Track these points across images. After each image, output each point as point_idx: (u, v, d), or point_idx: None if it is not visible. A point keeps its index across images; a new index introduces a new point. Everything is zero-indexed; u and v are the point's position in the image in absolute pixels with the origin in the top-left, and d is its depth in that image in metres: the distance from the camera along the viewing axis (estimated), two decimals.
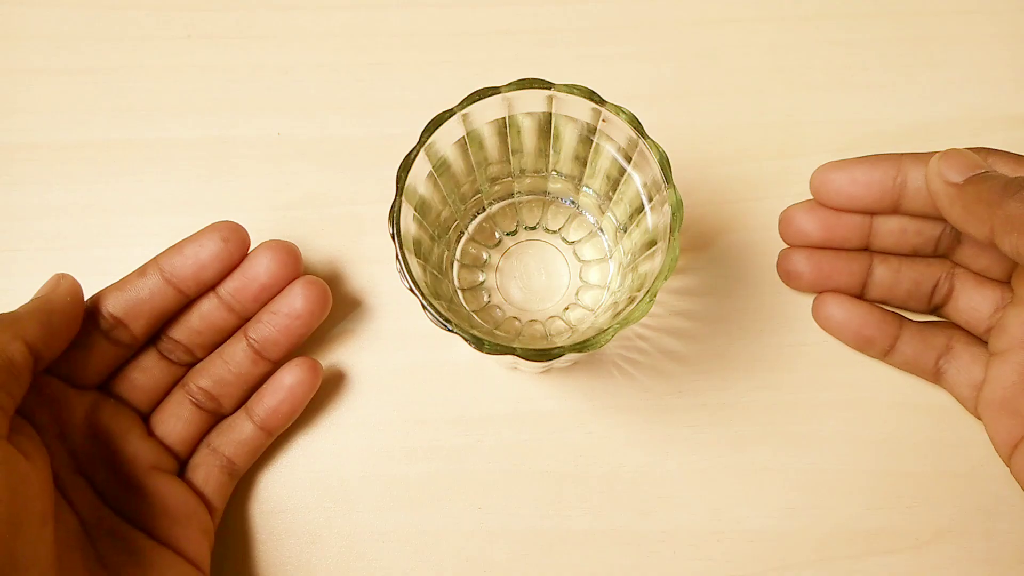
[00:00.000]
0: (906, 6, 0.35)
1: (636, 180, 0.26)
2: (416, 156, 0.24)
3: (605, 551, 0.29)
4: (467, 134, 0.26)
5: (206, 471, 0.28)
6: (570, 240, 0.31)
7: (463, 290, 0.30)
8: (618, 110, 0.25)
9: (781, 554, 0.29)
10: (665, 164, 0.24)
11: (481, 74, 0.34)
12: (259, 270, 0.28)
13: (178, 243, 0.28)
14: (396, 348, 0.31)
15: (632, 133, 0.25)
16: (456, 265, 0.30)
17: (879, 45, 0.34)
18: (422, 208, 0.26)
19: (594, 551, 0.29)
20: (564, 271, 0.30)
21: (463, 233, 0.30)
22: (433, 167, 0.26)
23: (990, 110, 0.33)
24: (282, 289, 0.28)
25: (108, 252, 0.32)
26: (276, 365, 0.29)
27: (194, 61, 0.34)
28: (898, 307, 0.30)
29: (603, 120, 0.25)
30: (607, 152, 0.27)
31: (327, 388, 0.31)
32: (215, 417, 0.29)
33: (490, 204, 0.30)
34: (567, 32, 0.35)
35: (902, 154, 0.28)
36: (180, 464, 0.28)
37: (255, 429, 0.28)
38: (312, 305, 0.28)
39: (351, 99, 0.34)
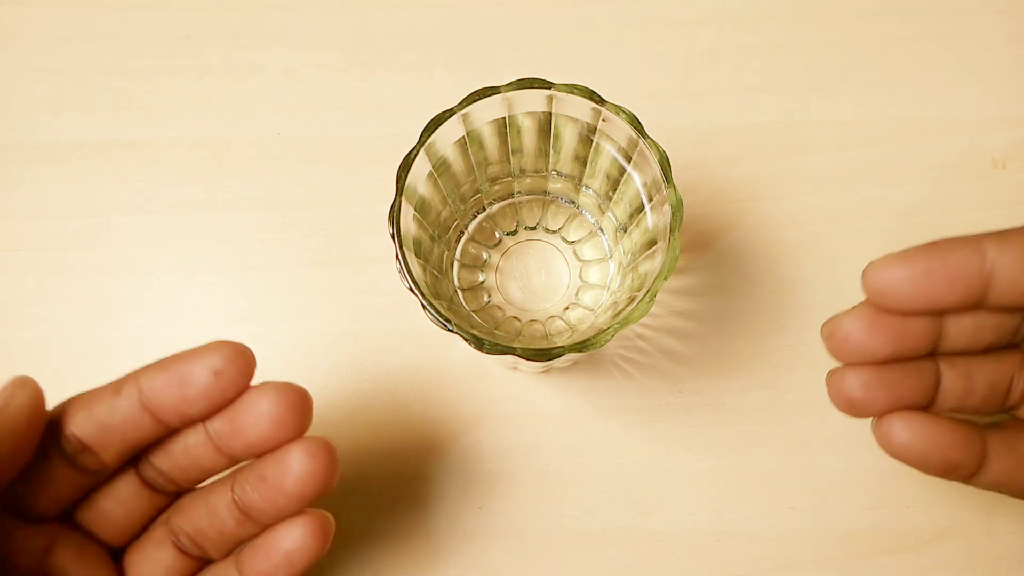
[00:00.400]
0: (906, 6, 0.35)
1: (636, 180, 0.26)
2: (416, 156, 0.24)
3: (605, 551, 0.29)
4: (467, 134, 0.26)
5: None
6: (570, 240, 0.31)
7: (463, 290, 0.30)
8: (618, 110, 0.25)
9: (781, 554, 0.29)
10: (665, 164, 0.24)
11: (481, 74, 0.34)
12: (249, 421, 0.22)
13: (165, 360, 0.22)
14: (396, 348, 0.31)
15: (632, 133, 0.25)
16: (456, 265, 0.30)
17: (879, 45, 0.34)
18: (422, 208, 0.26)
19: (594, 551, 0.29)
20: (564, 271, 0.30)
21: (463, 233, 0.30)
22: (433, 167, 0.26)
23: (990, 110, 0.33)
24: (279, 445, 0.22)
25: (108, 252, 0.32)
26: (267, 526, 0.23)
27: (194, 61, 0.34)
28: (969, 414, 0.25)
29: (603, 120, 0.25)
30: (607, 152, 0.27)
31: (326, 388, 0.31)
32: (201, 563, 0.24)
33: (490, 204, 0.30)
34: (567, 32, 0.35)
35: (979, 236, 0.22)
36: None
37: None
38: (307, 482, 0.22)
39: (351, 99, 0.34)
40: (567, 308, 0.30)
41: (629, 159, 0.26)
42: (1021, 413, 0.24)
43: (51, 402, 0.22)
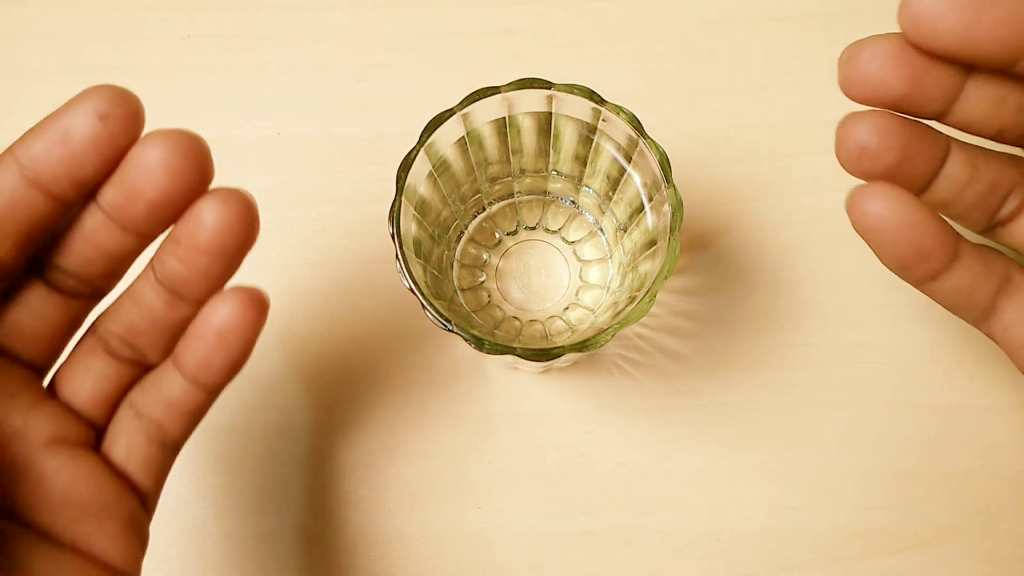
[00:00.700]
0: None
1: (636, 180, 0.26)
2: (416, 156, 0.24)
3: (605, 551, 0.29)
4: (467, 134, 0.26)
5: (129, 441, 0.21)
6: (570, 240, 0.31)
7: (463, 290, 0.30)
8: (618, 110, 0.25)
9: (781, 554, 0.29)
10: (665, 164, 0.24)
11: (481, 74, 0.34)
12: (141, 180, 0.19)
13: (40, 122, 0.19)
14: (396, 348, 0.31)
15: (632, 133, 0.25)
16: (456, 265, 0.30)
17: None
18: (422, 208, 0.26)
19: (594, 551, 0.29)
20: (564, 271, 0.30)
21: (463, 233, 0.30)
22: (433, 167, 0.26)
23: None
24: (187, 204, 0.19)
25: None
26: (201, 303, 0.20)
27: (194, 61, 0.34)
28: (954, 216, 0.22)
29: (603, 120, 0.25)
30: (607, 152, 0.27)
31: (325, 388, 0.31)
32: (139, 369, 0.21)
33: (490, 204, 0.30)
34: (567, 32, 0.35)
35: None
36: (96, 434, 0.21)
37: (187, 386, 0.21)
38: (225, 233, 0.19)
39: (351, 99, 0.34)
40: (567, 308, 0.30)
41: (629, 159, 0.26)
42: (1003, 233, 0.22)
43: None
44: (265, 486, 0.30)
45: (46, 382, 0.21)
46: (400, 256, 0.24)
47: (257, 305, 0.20)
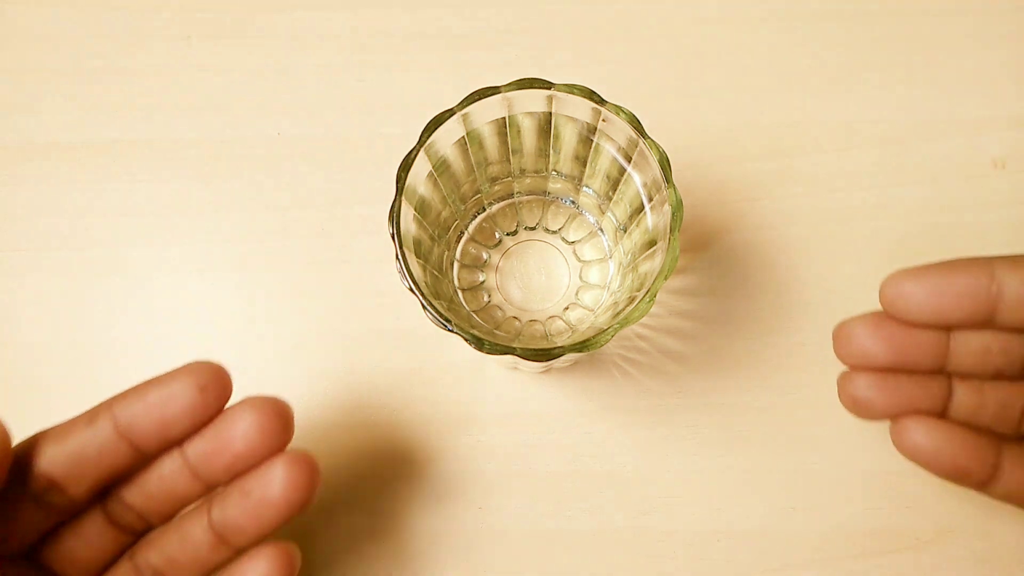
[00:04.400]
0: (907, 6, 0.35)
1: (636, 180, 0.26)
2: (416, 156, 0.24)
3: (605, 551, 0.29)
4: (467, 134, 0.26)
5: None
6: (570, 240, 0.31)
7: (463, 290, 0.30)
8: (618, 110, 0.25)
9: (781, 554, 0.29)
10: (665, 164, 0.24)
11: (481, 74, 0.34)
12: (234, 435, 0.22)
13: (140, 385, 0.22)
14: (396, 348, 0.31)
15: (632, 133, 0.25)
16: (456, 265, 0.30)
17: (879, 45, 0.34)
18: (422, 208, 0.26)
19: (594, 551, 0.29)
20: (564, 271, 0.30)
21: (463, 233, 0.30)
22: (433, 167, 0.26)
23: (990, 110, 0.33)
24: (261, 460, 0.22)
25: (107, 252, 0.32)
26: (241, 551, 0.23)
27: (194, 61, 0.34)
28: None
29: (603, 120, 0.25)
30: (607, 152, 0.27)
31: (325, 388, 0.31)
32: None
33: (490, 204, 0.30)
34: (567, 32, 0.35)
35: (990, 259, 0.23)
36: None
37: None
38: (293, 492, 0.22)
39: (351, 99, 0.34)
40: (567, 308, 0.30)
41: (629, 159, 0.26)
42: None
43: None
44: None
45: None
46: (400, 256, 0.24)
47: (290, 564, 0.23)
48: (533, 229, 0.31)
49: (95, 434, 0.21)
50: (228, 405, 0.22)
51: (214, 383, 0.22)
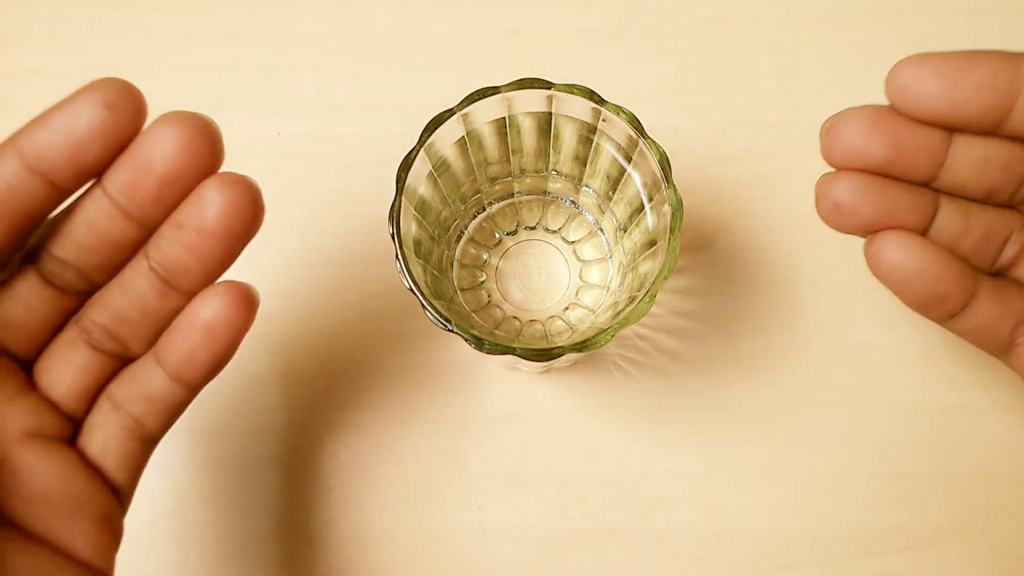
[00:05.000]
0: (906, 6, 0.35)
1: (636, 180, 0.26)
2: (416, 156, 0.24)
3: (605, 551, 0.29)
4: (467, 134, 0.26)
5: (106, 435, 0.21)
6: (570, 240, 0.31)
7: (463, 290, 0.30)
8: (618, 110, 0.25)
9: (781, 554, 0.29)
10: (665, 164, 0.24)
11: (481, 74, 0.34)
12: (153, 156, 0.19)
13: (42, 114, 0.19)
14: (396, 348, 0.31)
15: (632, 133, 0.25)
16: (456, 265, 0.30)
17: (879, 45, 0.34)
18: (422, 208, 0.26)
19: (594, 551, 0.29)
20: (564, 271, 0.30)
21: (463, 233, 0.30)
22: (433, 167, 0.26)
23: None
24: (193, 186, 0.19)
25: None
26: (192, 295, 0.20)
27: (194, 61, 0.34)
28: None
29: (603, 120, 0.25)
30: (607, 152, 0.27)
31: (325, 387, 0.31)
32: (120, 361, 0.21)
33: (490, 204, 0.30)
34: (567, 32, 0.35)
35: (1018, 53, 0.20)
36: (74, 427, 0.21)
37: (167, 381, 0.21)
38: (231, 216, 0.19)
39: (351, 99, 0.34)
40: (567, 308, 0.30)
41: (629, 159, 0.26)
42: (1013, 275, 0.23)
43: None
44: (264, 487, 0.30)
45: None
46: (400, 256, 0.24)
47: (247, 301, 0.20)
48: (533, 229, 0.31)
49: (1, 171, 0.19)
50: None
51: (123, 99, 0.19)
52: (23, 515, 0.20)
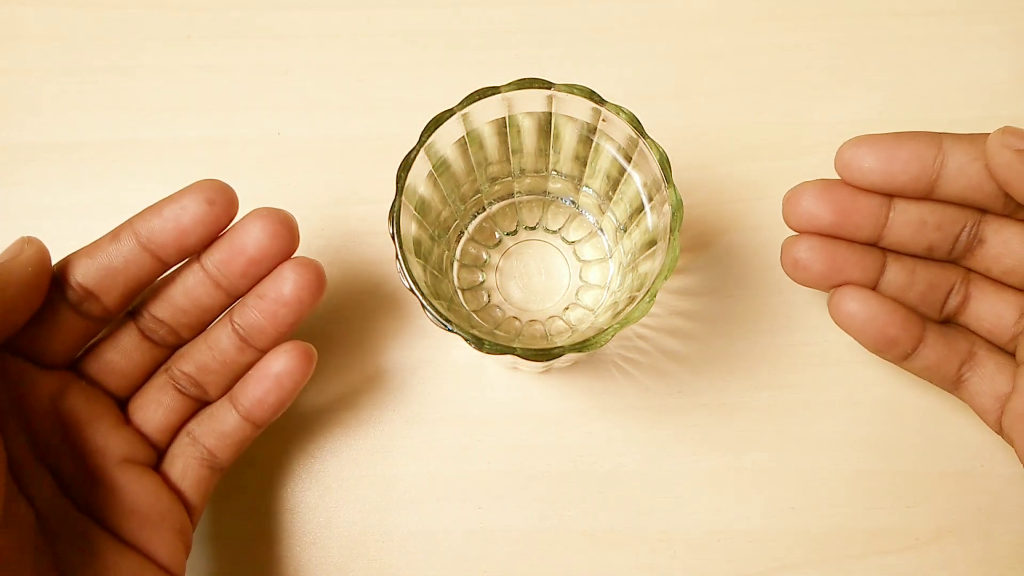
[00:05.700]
0: (906, 6, 0.35)
1: (636, 180, 0.26)
2: (416, 156, 0.24)
3: (605, 551, 0.29)
4: (467, 134, 0.26)
5: (184, 464, 0.26)
6: (570, 240, 0.31)
7: (463, 290, 0.30)
8: (618, 110, 0.25)
9: (781, 554, 0.29)
10: (665, 164, 0.24)
11: (481, 74, 0.34)
12: (246, 241, 0.24)
13: (156, 204, 0.24)
14: (396, 348, 0.31)
15: (632, 133, 0.25)
16: (456, 265, 0.30)
17: (879, 45, 0.34)
18: (422, 208, 0.26)
19: (594, 551, 0.29)
20: (564, 271, 0.30)
21: (463, 233, 0.30)
22: (433, 167, 0.26)
23: (990, 110, 0.33)
24: (274, 266, 0.25)
25: None
26: (264, 352, 0.26)
27: (194, 61, 0.34)
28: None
29: (603, 120, 0.25)
30: (607, 152, 0.27)
31: (326, 387, 0.31)
32: (199, 404, 0.27)
33: (490, 204, 0.30)
34: (567, 32, 0.35)
35: (939, 133, 0.25)
36: (158, 455, 0.26)
37: (239, 420, 0.26)
38: (302, 291, 0.25)
39: (351, 99, 0.34)
40: (567, 308, 0.30)
41: (629, 159, 0.26)
42: (959, 321, 0.27)
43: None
44: (265, 486, 0.30)
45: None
46: (400, 256, 0.24)
47: (308, 357, 0.26)
48: (533, 229, 0.31)
49: (120, 248, 0.24)
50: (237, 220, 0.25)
51: (220, 196, 0.24)
52: (119, 525, 0.24)
